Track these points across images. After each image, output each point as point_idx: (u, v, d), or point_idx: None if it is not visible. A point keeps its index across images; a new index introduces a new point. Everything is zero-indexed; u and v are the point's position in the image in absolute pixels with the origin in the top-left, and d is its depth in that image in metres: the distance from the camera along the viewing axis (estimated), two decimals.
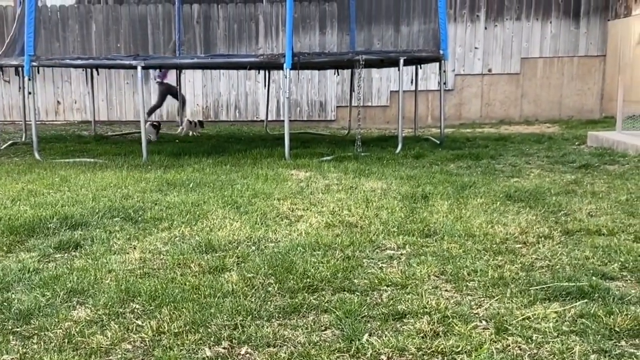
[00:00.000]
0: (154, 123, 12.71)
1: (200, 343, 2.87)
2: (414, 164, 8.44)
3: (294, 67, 9.24)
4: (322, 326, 3.04)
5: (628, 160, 8.09)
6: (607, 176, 6.98)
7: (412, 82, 12.09)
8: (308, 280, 3.61)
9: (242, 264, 3.99)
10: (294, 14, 9.54)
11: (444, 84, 10.94)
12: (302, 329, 3.00)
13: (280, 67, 9.59)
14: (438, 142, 10.68)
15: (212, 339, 2.90)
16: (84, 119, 16.56)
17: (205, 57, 12.96)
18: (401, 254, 4.19)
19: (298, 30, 15.67)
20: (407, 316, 3.12)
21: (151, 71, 14.75)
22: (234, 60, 12.09)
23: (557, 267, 3.83)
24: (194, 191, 6.48)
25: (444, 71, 10.59)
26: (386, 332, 2.94)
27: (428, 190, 6.23)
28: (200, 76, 16.47)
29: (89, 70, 12.97)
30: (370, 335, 2.91)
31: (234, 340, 2.89)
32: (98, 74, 13.07)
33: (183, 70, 15.05)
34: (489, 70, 15.83)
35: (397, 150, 9.60)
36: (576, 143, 10.34)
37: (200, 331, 2.97)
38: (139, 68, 9.44)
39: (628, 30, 14.35)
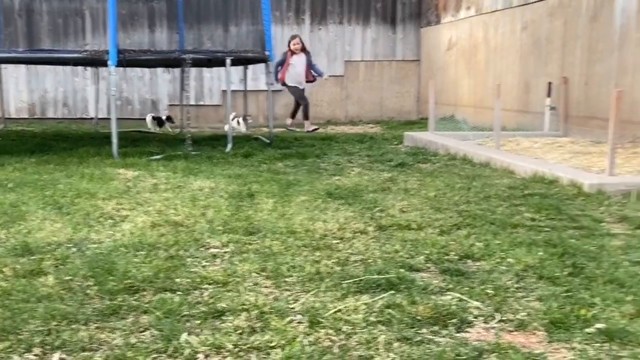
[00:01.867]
0: (155, 116, 13.56)
1: (10, 351, 2.76)
2: (243, 162, 8.56)
3: (120, 64, 9.02)
4: (141, 327, 3.04)
5: (438, 159, 8.68)
6: (419, 174, 7.45)
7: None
8: (129, 281, 3.58)
9: (61, 267, 3.88)
10: (122, 11, 9.30)
11: (271, 84, 11.20)
12: (120, 331, 2.98)
13: (106, 63, 9.33)
14: (268, 141, 10.87)
15: (22, 346, 2.80)
16: None
17: (24, 52, 12.26)
18: (225, 252, 4.27)
19: (127, 27, 15.27)
20: (227, 314, 3.18)
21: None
22: (56, 56, 11.51)
23: (370, 260, 4.04)
24: (13, 191, 6.15)
25: (271, 72, 10.80)
26: (205, 331, 2.99)
27: (255, 188, 6.36)
28: (24, 72, 15.55)
29: None
30: (188, 334, 2.94)
31: (46, 347, 2.81)
32: None
33: (5, 66, 14.16)
34: None
35: (227, 149, 9.67)
36: (395, 143, 10.94)
37: (10, 339, 2.86)
38: None
39: (439, 37, 15.39)
